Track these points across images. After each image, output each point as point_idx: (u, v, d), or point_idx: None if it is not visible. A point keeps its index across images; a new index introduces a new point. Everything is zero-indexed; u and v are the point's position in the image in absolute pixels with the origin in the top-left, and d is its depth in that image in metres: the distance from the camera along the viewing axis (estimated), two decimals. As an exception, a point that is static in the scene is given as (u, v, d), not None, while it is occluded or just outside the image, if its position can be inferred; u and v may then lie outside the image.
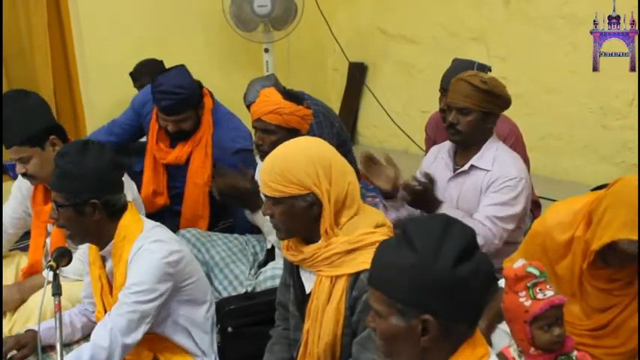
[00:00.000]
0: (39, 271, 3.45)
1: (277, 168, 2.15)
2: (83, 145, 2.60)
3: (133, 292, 2.48)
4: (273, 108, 3.14)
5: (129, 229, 2.58)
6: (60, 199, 2.53)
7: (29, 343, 2.71)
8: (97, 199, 2.52)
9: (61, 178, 2.54)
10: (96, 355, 2.42)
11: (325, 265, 2.16)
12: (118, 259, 2.58)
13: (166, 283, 2.54)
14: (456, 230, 1.62)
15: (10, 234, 3.56)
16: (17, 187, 3.52)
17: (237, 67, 5.76)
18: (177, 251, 2.60)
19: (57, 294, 2.21)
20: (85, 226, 2.55)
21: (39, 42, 5.03)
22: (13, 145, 3.17)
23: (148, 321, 2.51)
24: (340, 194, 2.16)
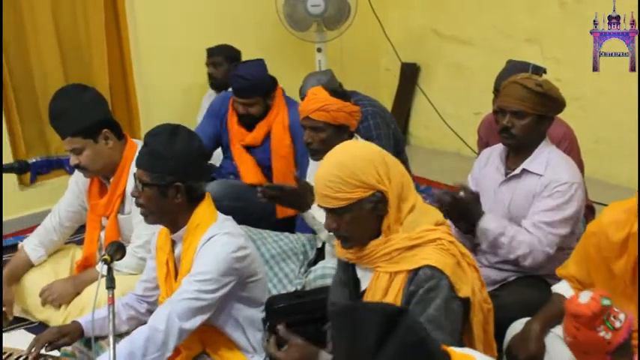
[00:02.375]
0: (93, 264, 3.52)
1: (337, 177, 2.12)
2: (174, 129, 2.63)
3: (197, 280, 2.51)
4: (320, 105, 3.16)
5: (203, 217, 2.62)
6: (145, 178, 2.57)
7: (70, 334, 2.74)
8: (182, 183, 2.56)
9: (150, 157, 2.58)
10: (152, 336, 2.45)
11: (384, 260, 2.16)
12: (187, 246, 2.61)
13: (230, 276, 2.56)
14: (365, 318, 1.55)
15: (66, 227, 3.64)
16: (74, 181, 3.60)
17: (290, 66, 5.78)
18: (245, 248, 2.63)
19: (111, 287, 2.25)
20: (164, 208, 2.59)
21: (96, 40, 5.11)
22: (67, 136, 3.24)
23: (206, 311, 2.54)
24: (399, 186, 2.16)
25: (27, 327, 3.49)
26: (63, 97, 3.30)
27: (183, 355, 2.66)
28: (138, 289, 2.92)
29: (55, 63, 4.98)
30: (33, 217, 4.53)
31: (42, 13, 4.90)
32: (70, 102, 3.25)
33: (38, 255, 3.57)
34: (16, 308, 3.54)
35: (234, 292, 2.64)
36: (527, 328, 2.53)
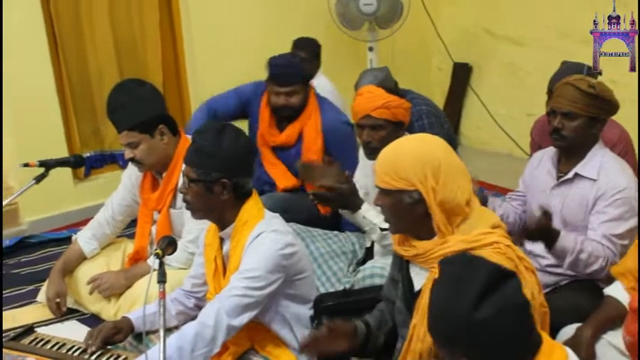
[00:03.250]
0: (144, 257, 3.57)
1: (389, 161, 2.18)
2: (221, 126, 2.67)
3: (246, 277, 2.53)
4: (382, 102, 3.14)
5: (251, 214, 2.64)
6: (193, 174, 2.61)
7: (124, 329, 2.79)
8: (229, 180, 2.59)
9: (198, 154, 2.61)
10: (201, 332, 2.48)
11: None
12: (236, 243, 2.64)
13: (278, 274, 2.58)
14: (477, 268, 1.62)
15: (118, 221, 3.70)
16: (127, 176, 3.66)
17: (341, 65, 5.79)
18: (293, 245, 2.65)
19: (162, 281, 2.28)
20: (211, 204, 2.62)
21: (150, 38, 5.19)
22: (124, 130, 3.30)
23: (254, 308, 2.56)
24: (448, 196, 2.13)
25: (79, 318, 3.56)
26: (121, 90, 3.36)
27: (231, 351, 2.68)
28: (186, 285, 2.96)
29: (110, 60, 5.07)
30: (86, 210, 4.62)
31: (99, 11, 5.00)
32: (129, 96, 3.31)
33: (91, 248, 3.64)
34: (69, 300, 3.61)
35: (282, 290, 2.66)
36: (578, 334, 2.50)
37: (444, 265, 1.74)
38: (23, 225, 4.77)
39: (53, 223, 4.81)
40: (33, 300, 3.79)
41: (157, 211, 3.52)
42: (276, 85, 3.98)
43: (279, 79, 3.96)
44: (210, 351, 2.51)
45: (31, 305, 3.77)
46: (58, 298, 3.53)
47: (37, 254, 4.45)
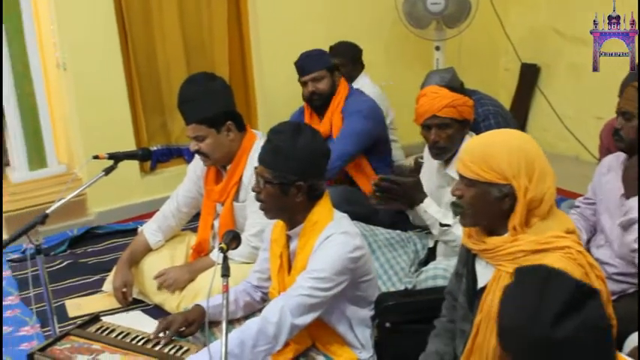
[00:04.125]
0: (206, 249, 3.62)
1: (480, 151, 2.13)
2: (298, 127, 2.66)
3: (313, 277, 2.54)
4: (447, 102, 3.14)
5: (321, 215, 2.64)
6: (267, 175, 2.61)
7: (196, 321, 2.81)
8: (304, 182, 2.59)
9: (274, 155, 2.61)
10: (264, 328, 2.49)
11: (508, 260, 2.11)
12: (304, 243, 2.64)
13: (344, 276, 2.58)
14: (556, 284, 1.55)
15: (183, 213, 3.76)
16: (192, 168, 3.71)
17: (407, 64, 5.77)
18: (361, 248, 2.64)
19: (226, 275, 2.29)
20: (284, 205, 2.63)
21: (218, 35, 5.25)
22: (192, 123, 3.35)
23: (318, 308, 2.56)
24: (537, 195, 2.10)
25: (143, 308, 3.62)
26: (193, 83, 3.41)
27: (292, 348, 2.69)
28: (252, 279, 2.98)
29: (178, 56, 5.15)
30: (152, 203, 4.70)
31: (168, 6, 5.08)
32: (200, 89, 3.35)
33: (156, 239, 3.71)
34: (134, 290, 3.68)
35: (347, 291, 2.65)
36: None
37: (521, 275, 1.68)
38: (91, 216, 4.89)
39: (120, 214, 4.91)
40: (98, 289, 3.88)
41: (221, 204, 3.56)
42: (302, 76, 4.18)
43: (302, 69, 4.17)
44: (272, 348, 2.51)
45: (96, 294, 3.86)
46: (125, 287, 3.60)
47: (103, 245, 4.55)
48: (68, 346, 2.73)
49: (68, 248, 4.52)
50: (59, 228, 4.57)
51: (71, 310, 3.71)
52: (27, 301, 3.77)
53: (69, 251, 4.49)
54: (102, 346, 2.73)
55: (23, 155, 4.83)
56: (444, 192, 3.30)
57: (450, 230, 3.06)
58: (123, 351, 2.69)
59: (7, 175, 4.97)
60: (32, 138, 4.85)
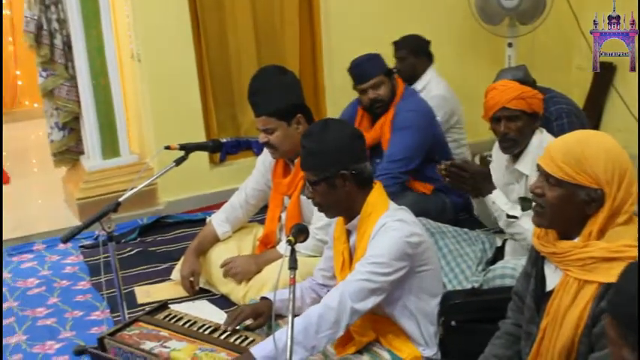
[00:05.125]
0: (273, 241, 3.65)
1: (575, 152, 2.06)
2: (324, 124, 2.72)
3: (370, 262, 2.54)
4: (517, 93, 3.13)
5: (375, 206, 2.65)
6: (312, 177, 2.65)
7: (265, 313, 2.85)
8: (345, 170, 2.61)
9: (309, 156, 2.67)
10: (325, 314, 2.50)
11: (576, 266, 2.07)
12: (361, 234, 2.65)
13: (402, 261, 2.57)
14: None
15: (251, 205, 3.80)
16: (261, 161, 3.75)
17: (478, 60, 5.69)
18: (419, 234, 2.63)
19: (293, 268, 2.31)
20: (338, 198, 2.65)
21: (290, 28, 5.28)
22: (263, 115, 3.37)
23: (378, 293, 2.55)
24: (622, 202, 2.05)
25: (210, 298, 3.67)
26: (264, 75, 3.45)
27: (355, 341, 2.69)
28: (317, 277, 3.00)
29: (249, 48, 5.19)
30: (220, 194, 4.75)
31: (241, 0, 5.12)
32: (271, 82, 3.39)
33: (224, 230, 3.75)
34: (201, 280, 3.74)
35: (407, 280, 2.65)
36: None
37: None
38: (161, 205, 4.98)
39: (189, 204, 4.99)
40: (167, 277, 3.95)
41: (288, 197, 3.59)
42: (359, 83, 4.05)
43: (359, 76, 4.03)
44: (334, 333, 2.52)
45: (165, 282, 3.93)
46: (192, 277, 3.66)
47: (172, 234, 4.63)
48: (137, 332, 2.79)
49: (138, 236, 4.61)
50: (130, 216, 4.66)
51: (140, 296, 3.79)
52: (98, 286, 3.86)
53: (139, 239, 4.58)
54: (169, 333, 2.78)
55: (97, 144, 4.95)
56: (513, 189, 3.26)
57: (517, 222, 3.03)
58: (190, 339, 2.73)
59: (82, 164, 5.09)
60: (106, 128, 4.96)
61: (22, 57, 7.36)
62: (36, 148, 6.75)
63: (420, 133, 3.96)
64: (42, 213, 5.30)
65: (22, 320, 3.71)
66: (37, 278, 4.17)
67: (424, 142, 3.97)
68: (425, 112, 4.09)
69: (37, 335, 3.55)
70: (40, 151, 6.22)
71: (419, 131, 3.96)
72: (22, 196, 5.65)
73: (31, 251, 4.53)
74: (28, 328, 3.63)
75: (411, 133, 3.94)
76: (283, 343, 2.26)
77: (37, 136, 6.88)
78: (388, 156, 3.91)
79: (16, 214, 5.27)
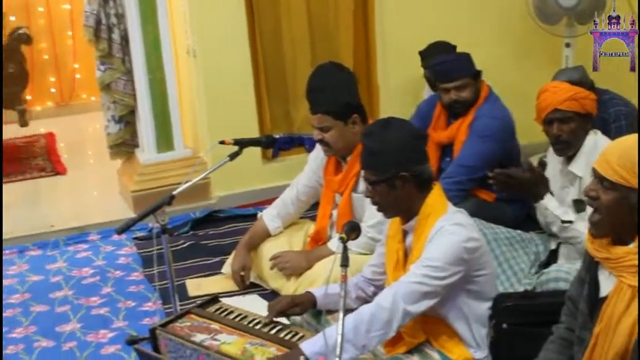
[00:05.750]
0: (324, 238, 3.66)
1: (631, 155, 2.03)
2: (385, 123, 2.70)
3: (425, 265, 2.53)
4: (569, 94, 3.10)
5: (433, 208, 2.64)
6: (371, 177, 2.65)
7: (302, 304, 2.86)
8: (406, 172, 2.60)
9: (369, 156, 2.65)
10: (377, 313, 2.50)
11: (630, 272, 2.04)
12: (418, 236, 2.64)
13: (458, 266, 2.55)
14: None
15: (302, 201, 3.81)
16: (313, 158, 3.76)
17: (534, 60, 5.61)
18: (476, 239, 2.61)
19: (345, 265, 2.31)
20: (398, 199, 2.64)
21: (344, 26, 5.27)
22: (319, 113, 3.38)
23: (431, 297, 2.54)
24: None
25: (260, 293, 3.69)
26: (323, 73, 3.46)
27: (405, 342, 2.68)
28: (366, 273, 2.99)
29: (304, 46, 5.21)
30: (272, 190, 4.76)
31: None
32: (329, 80, 3.40)
33: (275, 226, 3.77)
34: (252, 274, 3.76)
35: (462, 284, 2.63)
36: None
37: None
38: (213, 199, 5.02)
39: (241, 199, 5.01)
40: (218, 271, 3.98)
41: (340, 194, 3.59)
42: (443, 82, 3.94)
43: (444, 74, 3.92)
44: (385, 334, 2.52)
45: (216, 276, 3.96)
46: (243, 271, 3.69)
47: (224, 228, 4.66)
48: (188, 324, 2.82)
49: (190, 229, 4.66)
50: (183, 210, 4.71)
51: (191, 289, 3.83)
52: (150, 277, 3.92)
53: (191, 232, 4.63)
54: (220, 326, 2.80)
55: (152, 138, 5.01)
56: (568, 192, 3.22)
57: (572, 227, 2.98)
58: (240, 333, 2.75)
59: (137, 157, 5.17)
60: (161, 122, 5.01)
61: (81, 51, 7.49)
62: (92, 140, 6.87)
63: (497, 144, 3.84)
64: (97, 204, 5.40)
65: (77, 309, 3.78)
66: (92, 268, 4.25)
67: (498, 153, 3.84)
68: (506, 123, 3.96)
69: (90, 324, 3.62)
70: (96, 144, 6.32)
71: (496, 142, 3.84)
72: (78, 188, 5.77)
73: (86, 241, 4.61)
74: (82, 317, 3.70)
75: (487, 142, 3.83)
76: (333, 340, 2.26)
77: (94, 129, 6.99)
78: (458, 159, 3.84)
79: (72, 204, 5.39)
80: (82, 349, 3.40)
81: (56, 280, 4.13)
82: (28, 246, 4.57)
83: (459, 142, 3.93)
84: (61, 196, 5.70)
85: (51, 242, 4.60)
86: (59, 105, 7.82)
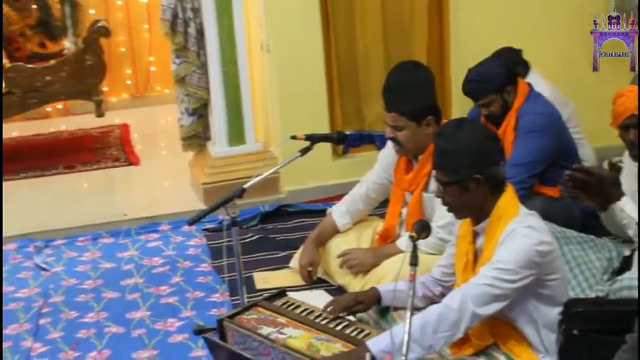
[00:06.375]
0: (392, 236, 3.64)
1: None
2: (457, 123, 2.69)
3: (496, 267, 2.50)
4: None
5: (505, 210, 2.60)
6: (443, 178, 2.62)
7: (365, 302, 2.87)
8: (479, 174, 2.57)
9: (441, 157, 2.63)
10: (445, 314, 2.49)
11: None
12: (489, 238, 2.61)
13: (529, 270, 2.52)
14: None
15: (371, 198, 3.80)
16: (384, 155, 3.74)
17: (610, 63, 5.47)
18: (548, 243, 2.57)
19: (414, 264, 2.30)
20: (469, 201, 2.62)
21: (419, 23, 5.23)
22: (394, 111, 3.37)
23: (501, 300, 2.51)
24: None
25: (327, 289, 3.70)
26: (402, 72, 3.46)
27: (472, 344, 2.65)
28: (435, 273, 2.97)
29: (377, 43, 5.19)
30: (341, 186, 4.76)
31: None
32: (408, 80, 3.39)
33: (344, 222, 3.77)
34: (319, 270, 3.77)
35: (533, 288, 2.58)
36: None
37: None
38: (282, 194, 5.05)
39: (310, 194, 5.03)
40: (285, 265, 4.01)
41: (410, 193, 3.57)
42: (472, 100, 3.99)
43: (469, 95, 3.96)
44: (452, 335, 2.51)
45: (283, 270, 3.99)
46: (311, 266, 3.70)
47: (292, 222, 4.69)
48: (255, 316, 2.85)
49: (259, 223, 4.70)
50: (252, 203, 4.74)
51: (259, 282, 3.86)
52: (219, 269, 3.97)
53: (260, 226, 4.67)
54: (287, 320, 2.82)
55: (224, 131, 5.07)
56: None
57: None
58: (306, 327, 2.77)
59: (208, 149, 5.23)
60: (233, 115, 5.07)
61: (156, 44, 7.62)
62: (165, 132, 6.99)
63: (547, 136, 3.84)
64: (168, 195, 5.51)
65: (147, 297, 3.86)
66: (162, 257, 4.33)
67: (551, 145, 3.84)
68: (552, 115, 3.95)
69: (159, 312, 3.69)
70: (168, 136, 6.43)
71: (546, 134, 3.83)
72: (150, 178, 5.89)
73: (157, 231, 4.70)
74: (152, 305, 3.77)
75: (537, 137, 3.81)
76: (400, 339, 2.25)
77: (167, 121, 7.11)
78: (512, 159, 3.76)
79: (144, 195, 5.50)
80: (151, 337, 3.47)
81: (127, 268, 4.22)
82: (101, 233, 4.68)
83: (507, 144, 3.85)
84: (133, 186, 5.83)
85: (123, 231, 4.70)
86: (134, 97, 7.98)
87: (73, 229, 4.76)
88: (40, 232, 4.73)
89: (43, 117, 7.53)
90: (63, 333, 3.56)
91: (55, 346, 3.45)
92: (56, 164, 6.05)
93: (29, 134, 6.97)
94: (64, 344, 3.46)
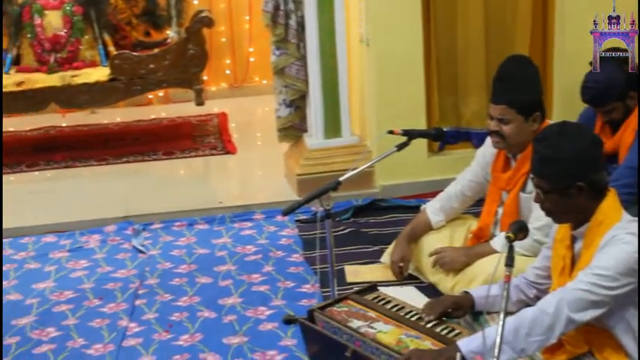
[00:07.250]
0: (486, 235, 3.59)
1: None
2: (560, 128, 2.59)
3: (595, 273, 2.44)
4: None
5: (607, 215, 2.53)
6: (544, 185, 2.56)
7: (464, 308, 2.85)
8: (582, 182, 2.50)
9: (542, 163, 2.56)
10: (539, 318, 2.44)
11: None
12: (589, 243, 2.55)
13: (629, 277, 2.44)
14: None
15: (467, 196, 3.75)
16: (482, 154, 3.69)
17: None
18: None
19: (510, 265, 2.26)
20: (570, 207, 2.55)
21: (522, 20, 5.10)
22: (503, 103, 3.31)
23: (598, 306, 2.44)
24: None
25: (417, 285, 3.66)
26: (515, 63, 3.42)
27: (566, 350, 2.59)
28: (529, 275, 2.91)
29: (478, 41, 5.10)
30: (436, 183, 4.72)
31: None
32: (520, 72, 3.35)
33: (438, 219, 3.73)
34: (411, 266, 3.76)
35: (632, 296, 2.50)
36: None
37: None
38: (376, 188, 5.03)
39: (404, 190, 5.00)
40: (376, 260, 4.00)
41: (506, 192, 3.50)
42: (592, 106, 3.87)
43: (590, 102, 3.85)
44: (546, 340, 2.45)
45: (374, 264, 3.98)
46: (402, 262, 3.69)
47: (385, 217, 4.67)
48: (345, 309, 2.86)
49: (352, 216, 4.70)
50: (345, 196, 4.74)
51: (349, 275, 3.87)
52: (310, 260, 3.99)
53: (352, 219, 4.67)
54: (377, 314, 2.82)
55: (320, 124, 5.09)
56: None
57: None
58: (396, 323, 2.77)
59: (304, 141, 5.26)
60: (330, 108, 5.09)
61: (256, 35, 7.71)
62: (261, 122, 7.07)
63: None
64: (262, 185, 5.58)
65: (239, 284, 3.92)
66: (255, 246, 4.38)
67: None
68: None
69: (250, 300, 3.74)
70: (265, 126, 6.49)
71: None
72: (245, 168, 5.98)
73: (250, 220, 4.76)
74: (243, 292, 3.83)
75: None
76: (492, 340, 2.22)
77: (264, 111, 7.19)
78: (626, 161, 3.65)
79: (239, 183, 5.58)
80: (242, 323, 3.52)
81: (221, 255, 4.29)
82: (196, 219, 4.77)
83: (624, 146, 3.76)
84: (229, 175, 5.93)
85: (218, 218, 4.78)
86: (232, 86, 8.10)
87: (170, 213, 4.87)
88: (139, 216, 4.86)
89: (145, 104, 7.73)
90: (157, 314, 3.66)
91: (149, 326, 3.55)
92: (156, 150, 6.20)
93: (131, 120, 7.17)
94: (157, 325, 3.55)
